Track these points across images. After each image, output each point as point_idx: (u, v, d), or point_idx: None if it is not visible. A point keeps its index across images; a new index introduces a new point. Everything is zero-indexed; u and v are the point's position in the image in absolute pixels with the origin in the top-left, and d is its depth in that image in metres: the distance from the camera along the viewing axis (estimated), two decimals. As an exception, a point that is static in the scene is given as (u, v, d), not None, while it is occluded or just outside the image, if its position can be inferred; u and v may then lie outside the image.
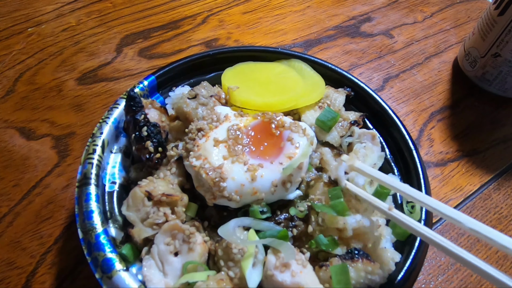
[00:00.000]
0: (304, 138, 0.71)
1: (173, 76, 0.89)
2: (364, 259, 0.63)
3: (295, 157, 0.67)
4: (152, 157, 0.70)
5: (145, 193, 0.64)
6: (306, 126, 0.76)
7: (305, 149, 0.69)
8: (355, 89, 0.91)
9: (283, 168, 0.66)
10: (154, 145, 0.71)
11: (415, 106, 1.11)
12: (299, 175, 0.69)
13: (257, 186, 0.65)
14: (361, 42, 1.25)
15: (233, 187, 0.64)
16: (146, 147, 0.70)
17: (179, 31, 1.21)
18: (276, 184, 0.66)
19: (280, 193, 0.67)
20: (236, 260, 0.61)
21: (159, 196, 0.64)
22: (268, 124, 0.72)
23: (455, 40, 1.29)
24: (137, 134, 0.71)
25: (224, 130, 0.70)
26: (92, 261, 0.63)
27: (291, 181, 0.67)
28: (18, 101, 1.01)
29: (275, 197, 0.68)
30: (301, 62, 0.92)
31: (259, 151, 0.69)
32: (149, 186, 0.65)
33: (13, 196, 0.85)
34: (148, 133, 0.71)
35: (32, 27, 1.17)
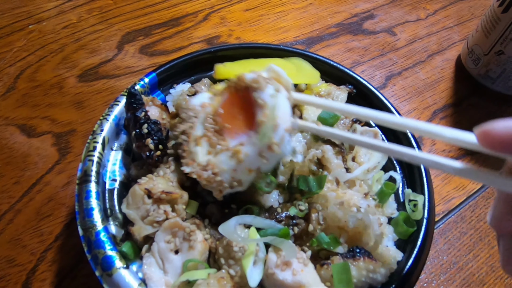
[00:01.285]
0: (268, 90, 0.63)
1: (174, 73, 0.89)
2: (366, 258, 0.63)
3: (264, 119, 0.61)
4: (152, 154, 0.69)
5: (145, 191, 0.63)
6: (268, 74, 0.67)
7: (272, 104, 0.61)
8: (357, 87, 0.90)
9: (259, 138, 0.61)
10: (154, 142, 0.70)
11: (417, 104, 1.10)
12: (280, 131, 0.61)
13: (247, 165, 0.62)
14: (363, 40, 1.24)
15: (228, 176, 0.63)
16: (147, 144, 0.69)
17: (180, 28, 1.21)
18: (263, 154, 0.62)
19: (274, 157, 0.63)
20: (237, 258, 0.61)
21: (159, 194, 0.63)
22: (234, 95, 0.66)
23: (458, 37, 1.28)
24: (138, 131, 0.70)
25: (200, 125, 0.67)
26: (92, 258, 0.63)
27: (276, 143, 0.61)
28: (18, 98, 1.00)
29: (273, 162, 0.65)
30: (301, 60, 0.91)
31: (236, 129, 0.64)
32: (149, 184, 0.64)
33: (13, 193, 0.85)
34: (149, 131, 0.70)
35: (33, 24, 1.17)
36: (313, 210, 0.67)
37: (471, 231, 0.88)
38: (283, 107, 0.62)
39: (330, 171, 0.74)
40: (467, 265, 0.83)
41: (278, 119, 0.61)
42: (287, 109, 0.63)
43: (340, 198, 0.69)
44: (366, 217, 0.67)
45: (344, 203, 0.68)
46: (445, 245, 0.85)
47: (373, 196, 0.74)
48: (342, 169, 0.74)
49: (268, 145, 0.61)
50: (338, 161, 0.75)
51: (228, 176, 0.63)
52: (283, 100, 0.62)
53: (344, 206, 0.68)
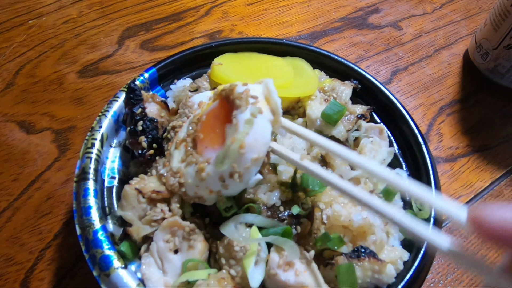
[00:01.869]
0: (246, 112, 0.56)
1: (175, 69, 0.87)
2: (371, 258, 0.61)
3: (228, 143, 0.55)
4: (144, 153, 0.68)
5: (136, 190, 0.61)
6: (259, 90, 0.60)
7: (241, 127, 0.55)
8: (362, 82, 0.88)
9: (214, 163, 0.56)
10: (148, 141, 0.68)
11: (424, 99, 1.07)
12: (246, 160, 0.55)
13: (208, 185, 0.59)
14: (368, 34, 1.21)
15: (191, 190, 0.61)
16: (140, 142, 0.68)
17: (182, 23, 1.19)
18: (223, 179, 0.57)
19: (235, 185, 0.58)
20: (238, 258, 0.59)
21: (149, 193, 0.61)
22: (223, 104, 0.61)
23: (466, 32, 1.25)
24: (132, 128, 0.69)
25: (186, 126, 0.64)
26: (90, 258, 0.61)
27: (238, 171, 0.56)
28: (18, 94, 0.99)
29: (234, 190, 0.60)
30: (304, 62, 0.88)
31: (209, 142, 0.60)
32: (140, 184, 0.63)
33: (12, 190, 0.84)
34: (143, 128, 0.68)
35: (33, 19, 1.15)
36: (317, 209, 0.65)
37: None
38: (257, 134, 0.56)
39: (334, 168, 0.72)
40: (474, 265, 0.81)
41: (245, 147, 0.55)
42: (263, 136, 0.57)
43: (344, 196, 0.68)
44: (371, 216, 0.65)
45: (348, 202, 0.66)
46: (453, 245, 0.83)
47: (378, 194, 0.72)
48: (347, 166, 0.73)
49: (229, 172, 0.56)
50: (342, 158, 0.73)
51: (191, 190, 0.61)
52: (261, 126, 0.56)
53: (348, 204, 0.66)
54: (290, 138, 0.75)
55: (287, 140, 0.74)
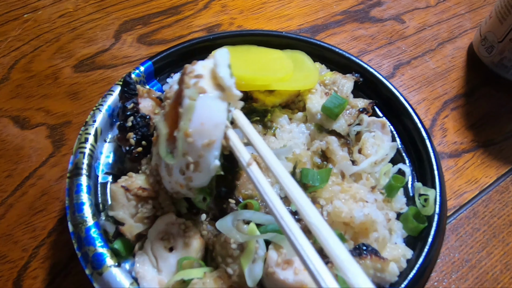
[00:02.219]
0: (188, 92, 0.51)
1: (172, 62, 0.85)
2: (373, 256, 0.59)
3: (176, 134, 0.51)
4: (132, 150, 0.65)
5: (122, 188, 0.59)
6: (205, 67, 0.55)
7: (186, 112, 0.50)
8: (364, 75, 0.85)
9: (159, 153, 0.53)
10: (136, 138, 0.66)
11: (427, 94, 1.05)
12: (196, 148, 0.51)
13: (176, 179, 0.56)
14: (370, 28, 1.19)
15: (168, 186, 0.59)
16: (128, 138, 0.65)
17: (180, 16, 1.16)
18: (183, 171, 0.54)
19: (198, 176, 0.54)
20: (235, 256, 0.57)
21: (135, 191, 0.59)
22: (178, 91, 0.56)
23: (470, 25, 1.22)
24: (122, 123, 0.66)
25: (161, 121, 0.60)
26: (82, 256, 0.59)
27: (192, 161, 0.52)
28: (12, 89, 0.97)
29: (200, 182, 0.56)
30: (305, 55, 0.86)
31: (171, 134, 0.56)
32: (127, 182, 0.61)
33: (5, 187, 0.82)
34: (133, 124, 0.66)
35: (28, 13, 1.13)
36: (317, 205, 0.63)
37: (484, 227, 0.83)
38: (203, 117, 0.51)
39: (335, 163, 0.70)
40: (480, 263, 0.78)
41: (191, 134, 0.50)
42: (210, 118, 0.52)
43: (346, 192, 0.66)
44: (373, 212, 0.63)
45: (350, 198, 0.64)
46: (457, 242, 0.81)
47: (380, 190, 0.70)
48: (348, 161, 0.70)
49: (185, 163, 0.53)
50: (343, 153, 0.71)
51: (168, 186, 0.59)
52: (206, 107, 0.51)
53: (349, 200, 0.64)
54: (290, 133, 0.73)
55: (286, 135, 0.72)
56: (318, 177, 0.64)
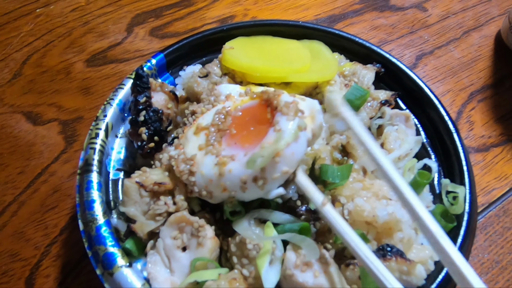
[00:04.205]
0: (292, 122, 0.55)
1: (184, 54, 0.82)
2: (398, 258, 0.55)
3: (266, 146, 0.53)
4: (143, 145, 0.63)
5: (136, 184, 0.57)
6: (307, 106, 0.59)
7: (286, 135, 0.53)
8: (385, 65, 0.81)
9: (246, 161, 0.53)
10: (148, 133, 0.63)
11: (452, 85, 0.99)
12: (276, 169, 0.54)
13: (225, 182, 0.55)
14: (391, 17, 1.13)
15: (202, 182, 0.56)
16: (140, 133, 0.63)
17: (192, 8, 1.13)
18: (245, 180, 0.54)
19: (254, 191, 0.55)
20: (251, 257, 0.54)
21: (151, 186, 0.57)
22: (263, 106, 0.60)
23: (498, 12, 1.15)
24: (133, 117, 0.64)
25: (211, 115, 0.61)
26: (93, 255, 0.57)
27: (264, 177, 0.54)
28: (25, 84, 0.96)
29: (250, 196, 0.56)
30: (322, 45, 0.82)
31: (240, 138, 0.57)
32: (141, 177, 0.58)
33: (18, 184, 0.81)
34: (145, 119, 0.63)
35: (41, 8, 1.12)
36: (337, 203, 0.60)
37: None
38: (296, 148, 0.54)
39: (356, 159, 0.67)
40: (511, 265, 0.74)
41: (281, 156, 0.53)
42: (299, 152, 0.56)
43: (368, 189, 0.62)
44: (398, 210, 0.59)
45: (372, 195, 0.60)
46: (486, 242, 0.76)
47: (405, 187, 0.65)
48: (370, 156, 0.66)
49: (255, 175, 0.54)
50: (365, 148, 0.67)
51: (202, 182, 0.57)
52: (301, 142, 0.55)
53: (372, 198, 0.60)
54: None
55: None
56: (339, 174, 0.60)
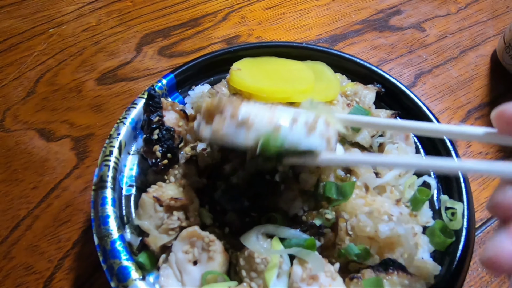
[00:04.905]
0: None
1: (193, 74, 0.86)
2: (400, 272, 0.57)
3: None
4: (158, 162, 0.66)
5: (154, 199, 0.60)
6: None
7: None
8: (385, 85, 0.84)
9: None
10: (162, 150, 0.67)
11: (450, 103, 1.03)
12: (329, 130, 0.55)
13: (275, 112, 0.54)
14: (390, 36, 1.18)
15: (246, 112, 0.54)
16: (154, 151, 0.66)
17: (199, 28, 1.18)
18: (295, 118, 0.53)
19: (299, 133, 0.53)
20: (259, 270, 0.57)
21: (168, 201, 0.60)
22: None
23: (493, 32, 1.20)
24: (148, 136, 0.67)
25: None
26: (107, 269, 0.60)
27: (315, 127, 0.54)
28: (38, 102, 1.00)
29: (294, 138, 0.54)
30: (325, 66, 0.86)
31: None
32: (158, 192, 0.61)
33: (31, 198, 0.84)
34: (159, 137, 0.67)
35: (53, 28, 1.16)
36: (341, 219, 0.62)
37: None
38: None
39: (358, 176, 0.69)
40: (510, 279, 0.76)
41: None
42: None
43: (370, 205, 0.65)
44: (399, 226, 0.61)
45: (374, 211, 0.63)
46: (485, 256, 0.78)
47: (405, 203, 0.68)
48: (372, 174, 0.69)
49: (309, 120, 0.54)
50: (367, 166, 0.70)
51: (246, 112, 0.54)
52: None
53: (374, 214, 0.63)
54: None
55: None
56: (342, 191, 0.63)
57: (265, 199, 0.65)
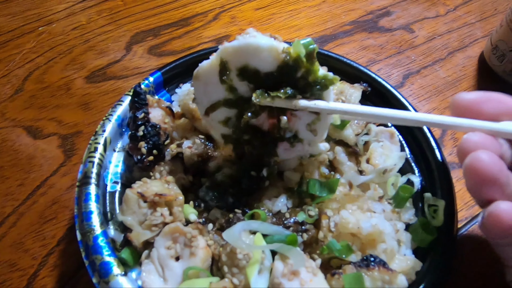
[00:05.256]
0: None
1: (180, 73, 0.86)
2: (381, 267, 0.58)
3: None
4: (143, 159, 0.66)
5: (138, 194, 0.60)
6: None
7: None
8: (372, 85, 0.85)
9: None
10: (148, 146, 0.67)
11: (437, 103, 1.04)
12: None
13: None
14: (379, 37, 1.19)
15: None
16: (139, 147, 0.66)
17: (189, 28, 1.18)
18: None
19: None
20: (241, 266, 0.57)
21: (152, 197, 0.60)
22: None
23: (481, 33, 1.21)
24: (133, 132, 0.67)
25: None
26: (89, 264, 0.60)
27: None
28: (26, 99, 0.99)
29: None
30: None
31: None
32: (142, 188, 0.61)
33: (17, 196, 0.83)
34: (144, 134, 0.67)
35: (43, 26, 1.16)
36: (324, 216, 0.63)
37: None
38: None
39: (342, 173, 0.70)
40: (495, 277, 0.76)
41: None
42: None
43: (353, 202, 0.65)
44: (381, 222, 0.62)
45: (357, 208, 0.64)
46: (469, 254, 0.79)
47: (388, 201, 0.69)
48: (356, 171, 0.70)
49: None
50: (351, 163, 0.71)
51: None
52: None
53: (357, 211, 0.63)
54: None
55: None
56: (326, 188, 0.64)
57: (250, 195, 0.66)
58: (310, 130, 0.63)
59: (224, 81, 0.61)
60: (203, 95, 0.64)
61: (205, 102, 0.65)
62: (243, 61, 0.59)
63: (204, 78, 0.62)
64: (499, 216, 0.47)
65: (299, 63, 0.58)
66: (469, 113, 0.55)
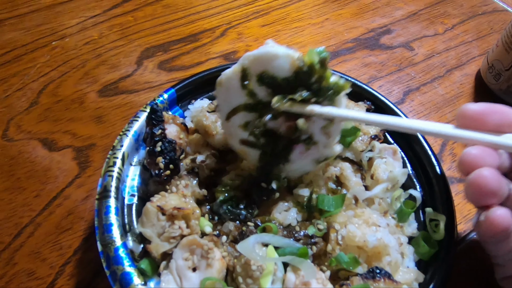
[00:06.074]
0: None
1: (193, 89, 0.90)
2: (386, 279, 0.61)
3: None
4: (161, 173, 0.70)
5: (157, 208, 0.64)
6: None
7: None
8: (374, 102, 0.89)
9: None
10: (165, 161, 0.71)
11: (436, 119, 1.08)
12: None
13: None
14: (380, 55, 1.23)
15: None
16: (157, 162, 0.70)
17: (198, 44, 1.22)
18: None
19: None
20: (254, 277, 0.60)
21: (171, 210, 0.63)
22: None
23: (478, 52, 1.26)
24: (151, 148, 0.71)
25: None
26: (110, 274, 0.63)
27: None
28: (41, 112, 1.03)
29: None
30: None
31: None
32: (161, 201, 0.65)
33: (34, 206, 0.86)
34: (162, 149, 0.71)
35: (56, 41, 1.20)
36: (332, 229, 0.66)
37: (494, 251, 0.85)
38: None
39: (348, 189, 0.74)
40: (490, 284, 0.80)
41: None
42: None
43: (359, 216, 0.69)
44: (386, 236, 0.66)
45: (363, 222, 0.67)
46: (468, 266, 0.83)
47: (392, 215, 0.73)
48: (361, 187, 0.74)
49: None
50: (356, 179, 0.74)
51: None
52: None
53: (363, 225, 0.67)
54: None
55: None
56: (333, 203, 0.68)
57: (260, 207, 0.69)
58: (324, 133, 0.67)
59: (244, 86, 0.65)
60: (225, 101, 0.68)
61: (226, 107, 0.69)
62: (262, 68, 0.64)
63: (226, 84, 0.67)
64: (494, 220, 0.55)
65: (313, 69, 0.62)
66: (474, 123, 0.59)
